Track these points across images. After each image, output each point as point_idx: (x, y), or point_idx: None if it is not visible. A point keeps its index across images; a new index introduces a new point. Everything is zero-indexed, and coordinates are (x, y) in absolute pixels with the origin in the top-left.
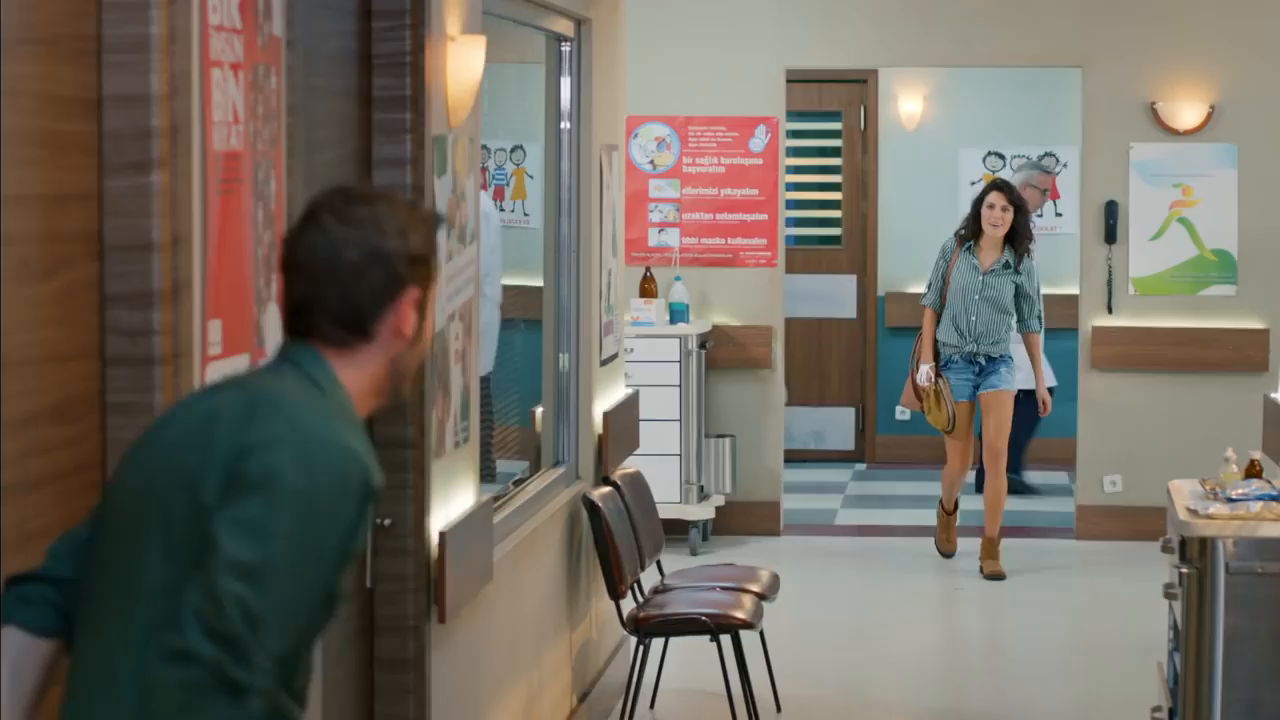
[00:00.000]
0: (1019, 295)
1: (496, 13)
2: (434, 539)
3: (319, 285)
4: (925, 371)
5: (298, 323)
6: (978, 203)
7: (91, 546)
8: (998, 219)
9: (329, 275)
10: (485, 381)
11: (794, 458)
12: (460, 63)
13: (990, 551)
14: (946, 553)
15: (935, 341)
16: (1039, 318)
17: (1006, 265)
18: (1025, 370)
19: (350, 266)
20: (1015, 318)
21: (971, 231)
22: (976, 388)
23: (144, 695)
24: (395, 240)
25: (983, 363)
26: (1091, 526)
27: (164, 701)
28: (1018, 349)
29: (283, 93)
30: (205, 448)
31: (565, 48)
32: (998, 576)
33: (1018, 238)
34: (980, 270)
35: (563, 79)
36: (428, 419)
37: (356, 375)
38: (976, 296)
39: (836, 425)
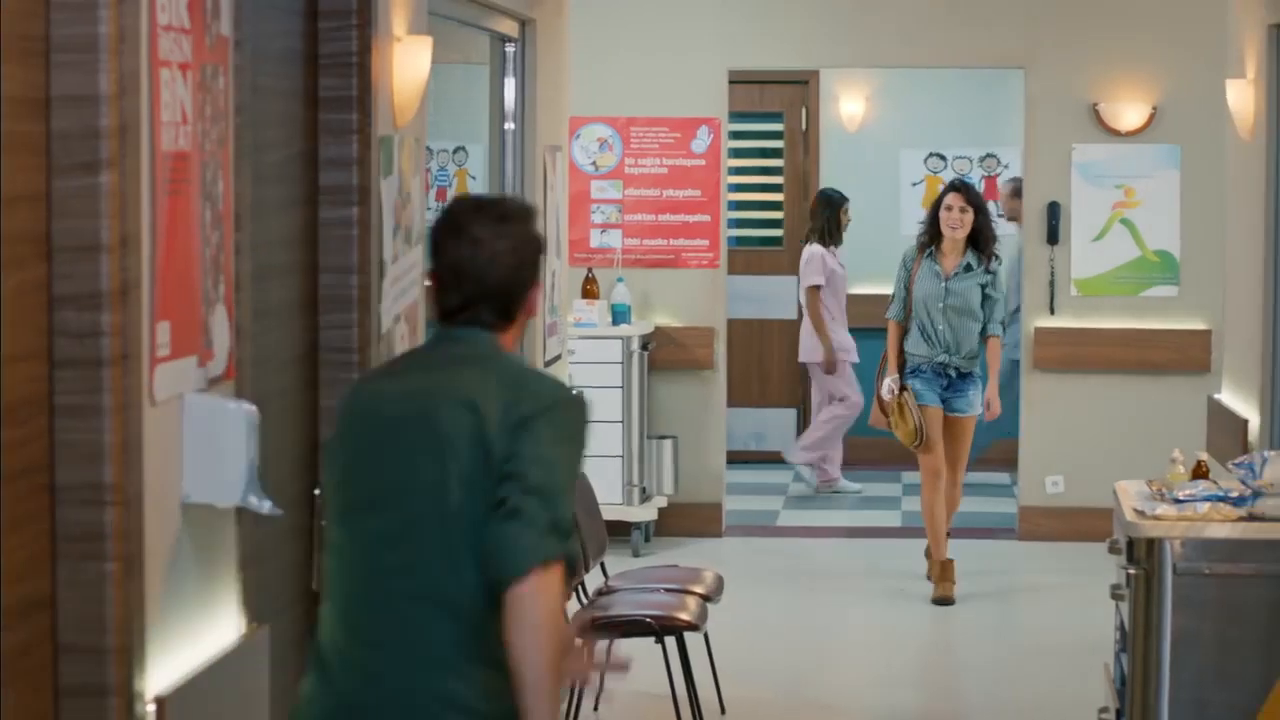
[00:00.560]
0: (984, 298)
1: (441, 13)
2: None
3: (481, 288)
4: (887, 384)
5: (460, 316)
6: (935, 206)
7: (338, 547)
8: (956, 221)
9: (489, 281)
10: None
11: (735, 459)
12: (406, 63)
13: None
14: (944, 599)
15: (902, 354)
16: (1002, 323)
17: (969, 268)
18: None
19: (505, 273)
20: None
21: (931, 236)
22: (945, 402)
23: (504, 547)
24: (532, 246)
25: (953, 375)
26: (1033, 527)
27: (529, 547)
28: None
29: (230, 93)
30: (483, 425)
31: (509, 48)
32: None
33: (980, 239)
34: (943, 276)
35: (507, 79)
36: None
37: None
38: (941, 304)
39: (778, 426)
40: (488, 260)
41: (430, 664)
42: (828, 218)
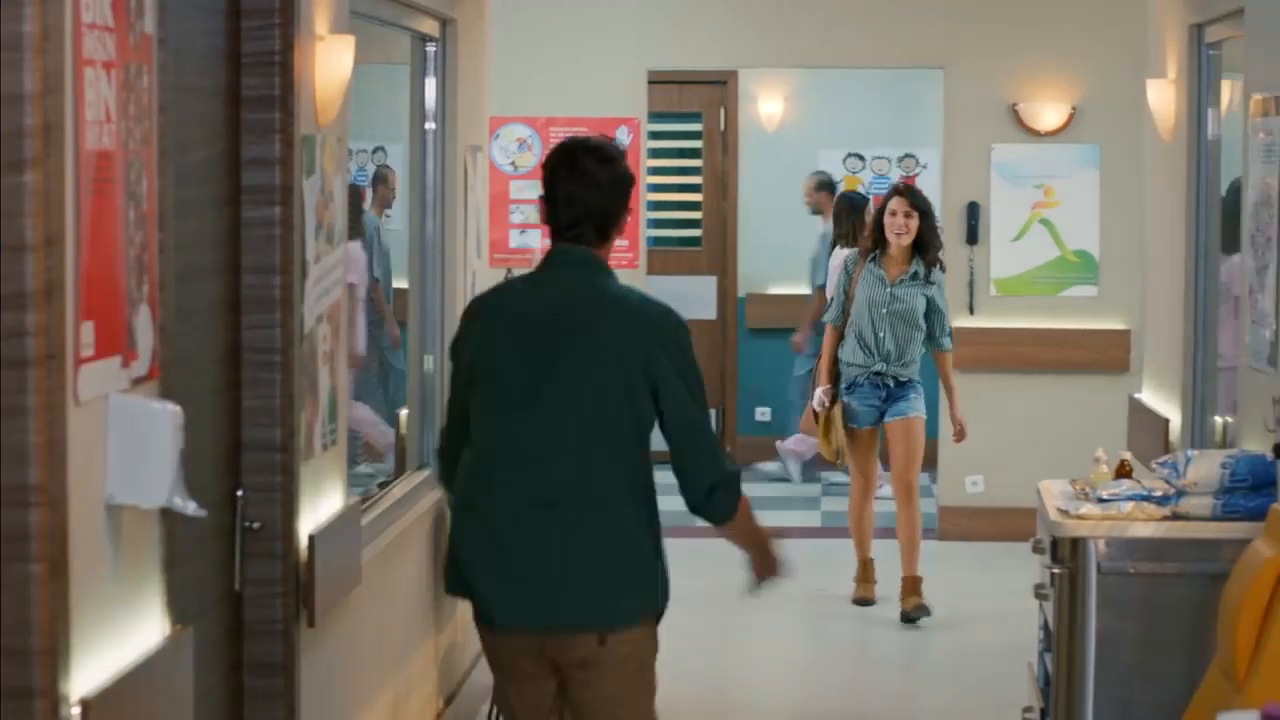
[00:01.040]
0: (930, 309)
1: (363, 12)
2: (303, 542)
3: (587, 211)
4: (819, 395)
5: (569, 232)
6: (879, 213)
7: (491, 432)
8: (901, 227)
9: (593, 206)
10: None
11: (657, 458)
12: (329, 62)
13: (912, 588)
14: (864, 600)
15: (837, 362)
16: (950, 335)
17: (915, 276)
18: None
19: (604, 200)
20: (925, 334)
21: (874, 242)
22: (882, 414)
23: (711, 500)
24: (625, 182)
25: (890, 385)
26: (953, 527)
27: (731, 492)
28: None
29: (154, 92)
30: (629, 351)
31: (430, 48)
32: (920, 612)
33: (925, 245)
34: (887, 283)
35: (427, 79)
36: (296, 421)
37: (610, 250)
38: (884, 310)
39: None
40: (593, 190)
41: (592, 538)
42: (853, 223)
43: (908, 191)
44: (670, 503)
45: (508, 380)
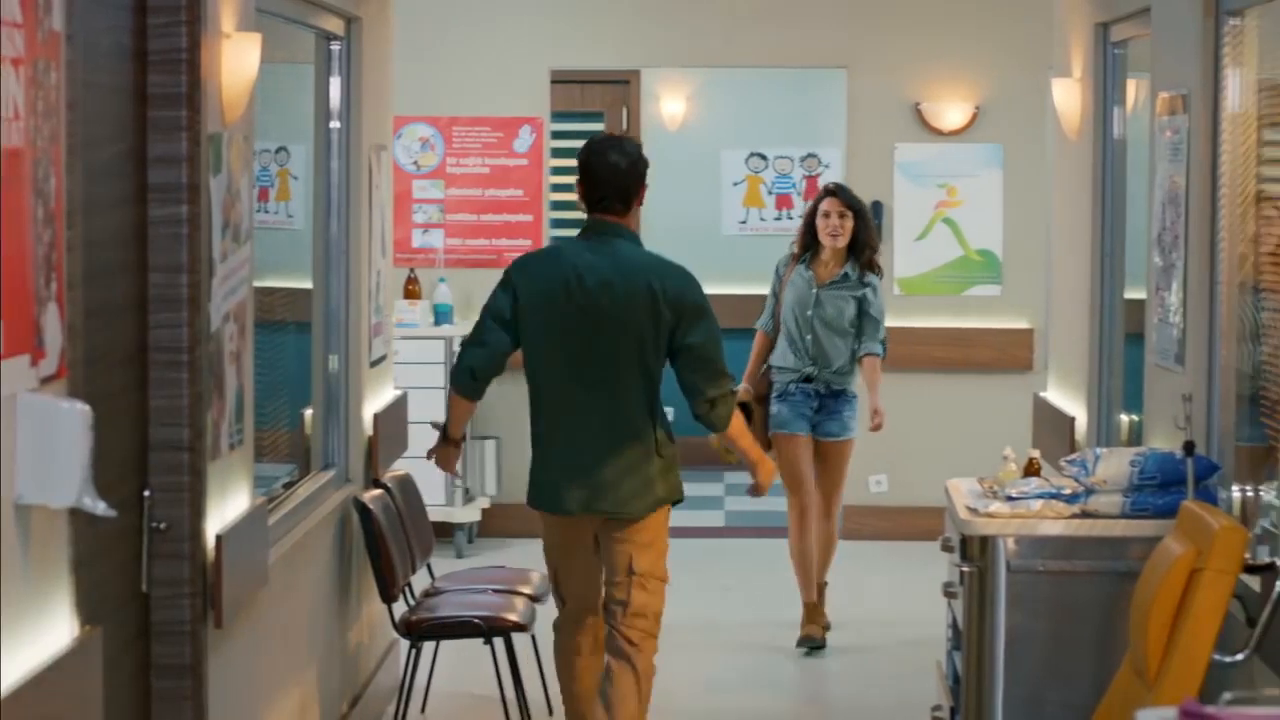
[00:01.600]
0: (862, 313)
1: (268, 10)
2: (210, 543)
3: (614, 187)
4: (744, 388)
5: (600, 205)
6: (811, 214)
7: (552, 372)
8: (836, 228)
9: (619, 182)
10: None
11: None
12: (235, 60)
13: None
14: (810, 639)
15: (768, 369)
16: (883, 341)
17: (846, 278)
18: None
19: (628, 177)
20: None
21: (806, 245)
22: (815, 426)
23: (712, 411)
24: (640, 165)
25: (822, 392)
26: (857, 526)
27: (727, 407)
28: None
29: (63, 89)
30: (655, 302)
31: (335, 46)
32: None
33: (859, 247)
34: (814, 284)
35: (332, 78)
36: (203, 421)
37: (637, 219)
38: (810, 312)
39: None
40: (617, 173)
41: (622, 449)
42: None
43: (840, 191)
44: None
45: (569, 332)
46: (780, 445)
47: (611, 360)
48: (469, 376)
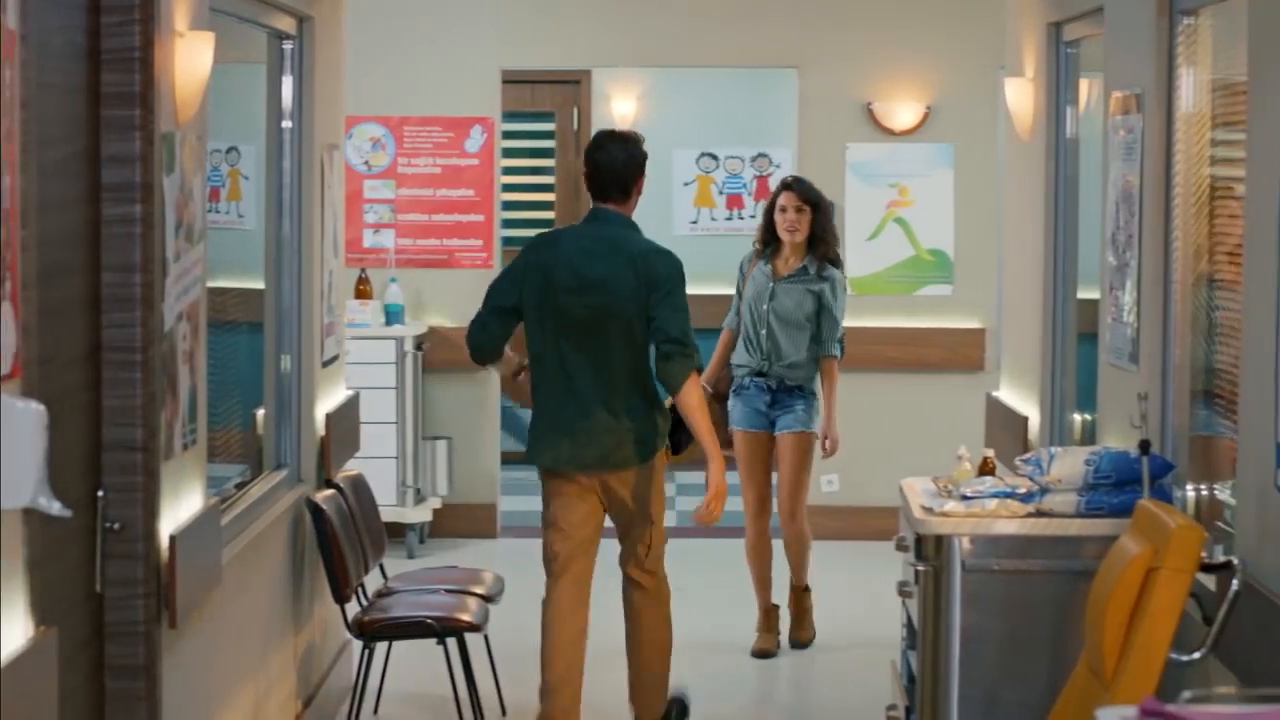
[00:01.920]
0: (820, 311)
1: (221, 9)
2: (164, 543)
3: (612, 179)
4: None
5: (601, 194)
6: (769, 209)
7: (554, 341)
8: (793, 223)
9: (618, 172)
10: None
11: (510, 459)
12: (188, 59)
13: (800, 610)
14: (764, 652)
15: (729, 366)
16: (839, 340)
17: (804, 272)
18: None
19: (625, 169)
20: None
21: (765, 241)
22: (773, 423)
23: (666, 369)
24: (638, 157)
25: (774, 389)
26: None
27: (681, 365)
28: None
29: (16, 88)
30: (643, 282)
31: (287, 46)
32: (806, 642)
33: (817, 241)
34: (772, 278)
35: (284, 77)
36: (156, 421)
37: (633, 206)
38: (765, 306)
39: None
40: (615, 165)
41: (617, 409)
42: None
43: (798, 185)
44: (521, 503)
45: (571, 307)
46: (735, 441)
47: (604, 333)
48: (475, 355)
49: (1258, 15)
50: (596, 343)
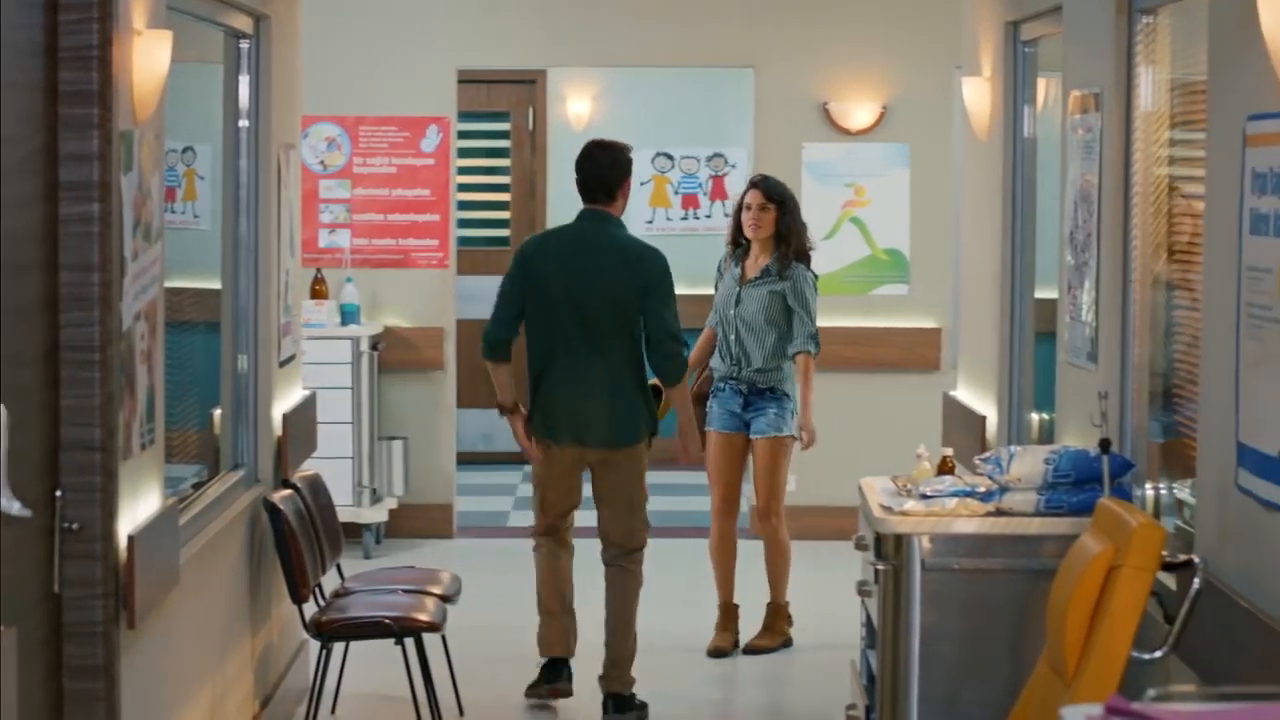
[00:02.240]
0: (788, 311)
1: (178, 8)
2: (122, 543)
3: (598, 180)
4: None
5: (589, 197)
6: (737, 208)
7: (554, 331)
8: (755, 220)
9: (603, 177)
10: None
11: (464, 460)
12: (146, 57)
13: (770, 620)
14: (719, 650)
15: (703, 366)
16: (812, 337)
17: (768, 272)
18: None
19: (609, 173)
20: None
21: (734, 240)
22: (748, 425)
23: (663, 366)
24: (622, 162)
25: (745, 392)
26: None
27: (678, 362)
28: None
29: None
30: (630, 274)
31: (244, 45)
32: (762, 649)
33: (782, 239)
34: (739, 281)
35: (241, 76)
36: (115, 421)
37: (621, 207)
38: (732, 311)
39: (505, 427)
40: (600, 170)
41: (611, 392)
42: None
43: (763, 182)
44: (477, 504)
45: (567, 299)
46: (707, 441)
47: (597, 323)
48: (488, 350)
49: (1218, 14)
50: (591, 331)
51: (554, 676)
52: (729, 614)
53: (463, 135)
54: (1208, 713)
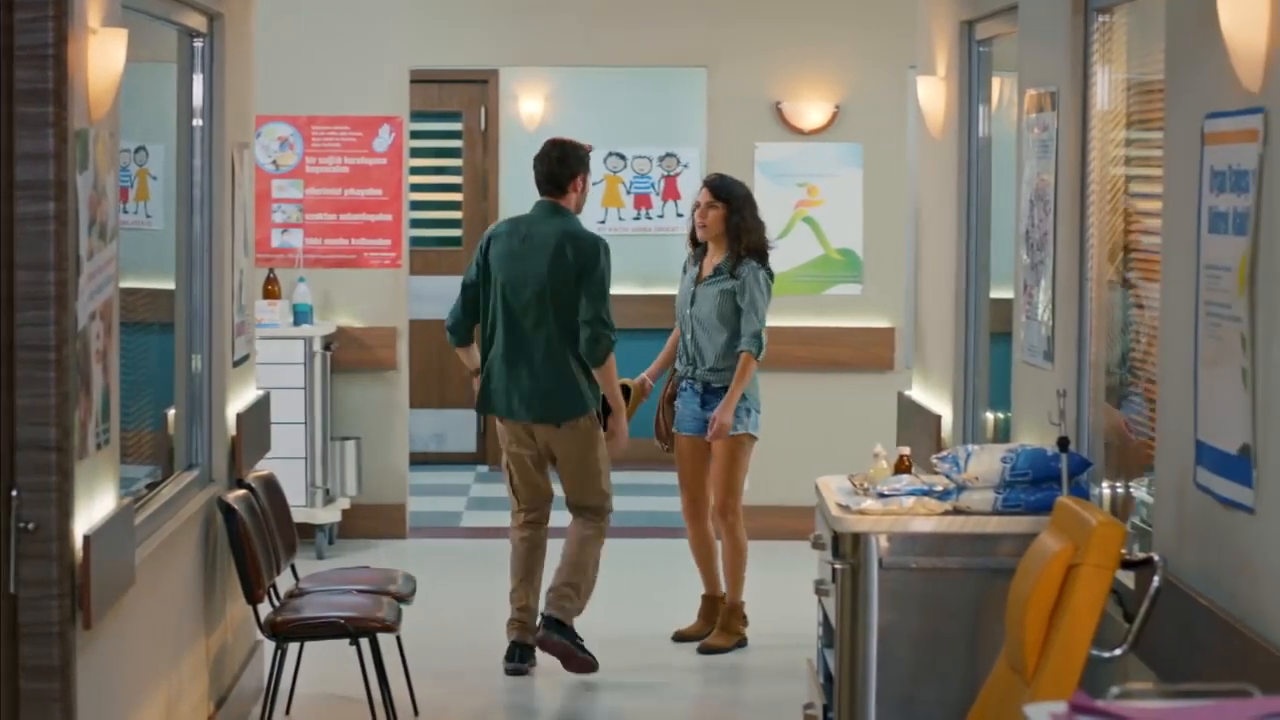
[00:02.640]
0: (739, 308)
1: (132, 6)
2: (78, 543)
3: (546, 173)
4: (640, 378)
5: (541, 189)
6: (694, 206)
7: (498, 311)
8: (703, 218)
9: (553, 171)
10: None
11: (417, 460)
12: (102, 56)
13: (725, 620)
14: (679, 634)
15: (669, 363)
16: (755, 336)
17: (719, 271)
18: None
19: (557, 169)
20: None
21: (693, 239)
22: (706, 424)
23: (587, 347)
24: (570, 158)
25: (702, 390)
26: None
27: (601, 344)
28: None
29: None
30: (566, 260)
31: (198, 43)
32: (716, 649)
33: (734, 238)
34: (694, 281)
35: (195, 75)
36: (70, 420)
37: (574, 200)
38: (688, 311)
39: (458, 427)
40: (548, 165)
41: (546, 371)
42: None
43: (712, 181)
44: (430, 504)
45: (508, 281)
46: (675, 443)
47: (536, 304)
48: (448, 333)
49: (1175, 12)
50: (536, 311)
51: (512, 656)
52: (707, 605)
53: (415, 135)
54: (1173, 710)
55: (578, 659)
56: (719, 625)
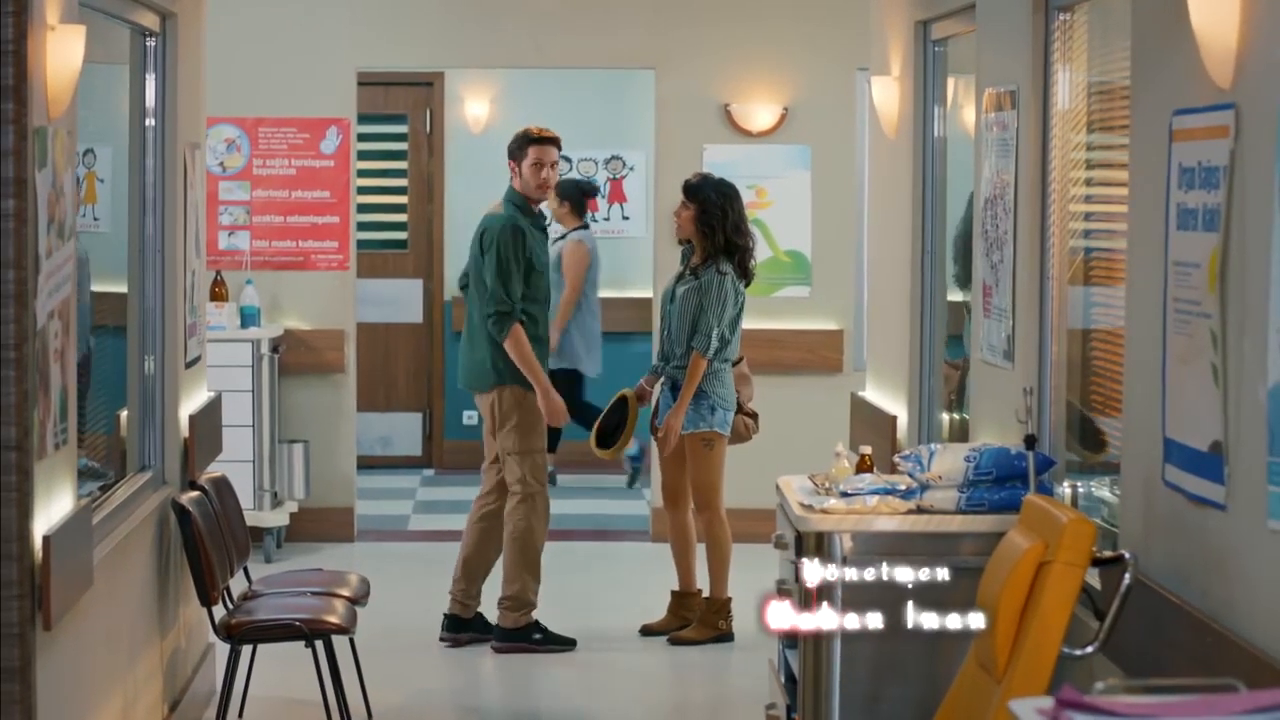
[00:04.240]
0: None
1: (88, 4)
2: (38, 544)
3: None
4: (638, 385)
5: None
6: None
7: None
8: (675, 219)
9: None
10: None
11: (363, 463)
12: (60, 52)
13: (703, 614)
14: (645, 628)
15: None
16: (709, 336)
17: (692, 271)
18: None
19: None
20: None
21: (680, 240)
22: None
23: (491, 326)
24: (514, 144)
25: (671, 388)
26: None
27: (499, 322)
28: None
29: None
30: (480, 244)
31: (151, 43)
32: (688, 641)
33: (705, 238)
34: (677, 279)
35: (147, 75)
36: (31, 420)
37: (516, 184)
38: (667, 309)
39: (404, 430)
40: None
41: (469, 344)
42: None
43: (687, 181)
44: (377, 507)
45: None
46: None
47: (471, 286)
48: None
49: (1142, 8)
50: (474, 292)
51: (450, 626)
52: (676, 600)
53: (360, 138)
54: (1162, 704)
55: (544, 650)
56: (697, 619)
